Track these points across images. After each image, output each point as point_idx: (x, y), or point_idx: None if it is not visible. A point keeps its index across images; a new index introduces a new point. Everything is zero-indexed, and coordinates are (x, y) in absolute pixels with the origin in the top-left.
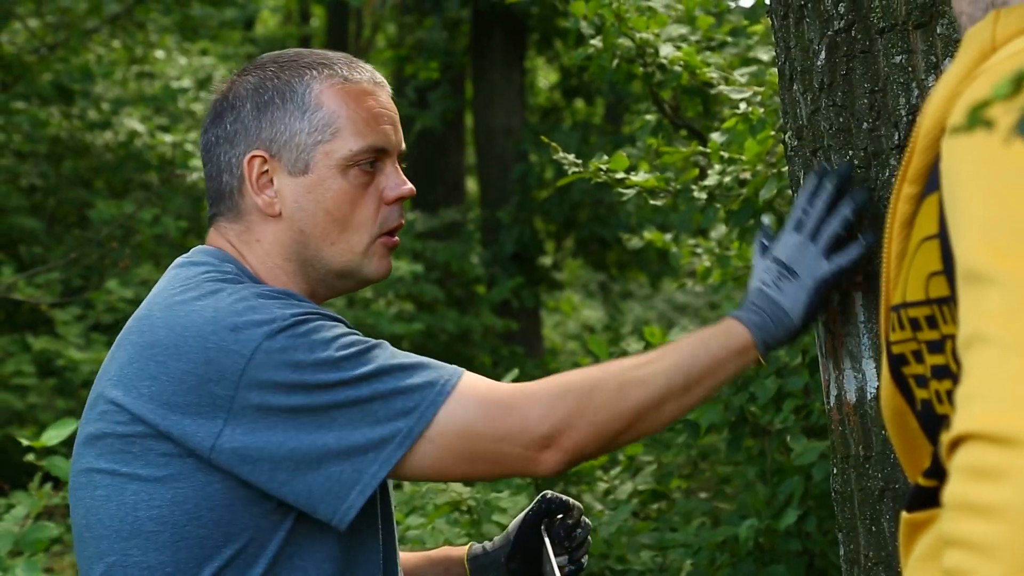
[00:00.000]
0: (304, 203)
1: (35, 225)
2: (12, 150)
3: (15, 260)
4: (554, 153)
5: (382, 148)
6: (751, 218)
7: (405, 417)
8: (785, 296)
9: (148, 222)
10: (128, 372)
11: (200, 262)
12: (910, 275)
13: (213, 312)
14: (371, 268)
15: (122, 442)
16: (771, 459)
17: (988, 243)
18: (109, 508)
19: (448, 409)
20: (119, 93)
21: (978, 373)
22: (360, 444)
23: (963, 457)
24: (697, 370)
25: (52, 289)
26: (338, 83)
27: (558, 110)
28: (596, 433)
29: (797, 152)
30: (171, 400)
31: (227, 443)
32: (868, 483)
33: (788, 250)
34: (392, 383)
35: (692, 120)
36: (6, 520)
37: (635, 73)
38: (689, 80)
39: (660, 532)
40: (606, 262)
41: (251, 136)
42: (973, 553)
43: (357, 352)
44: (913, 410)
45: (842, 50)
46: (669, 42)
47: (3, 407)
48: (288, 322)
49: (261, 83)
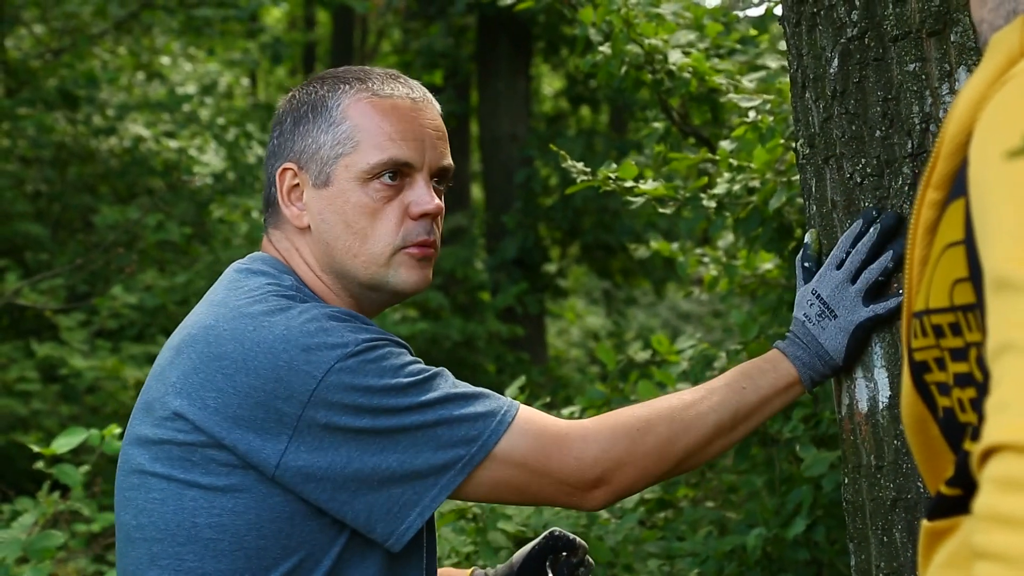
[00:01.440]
0: (327, 215)
1: (40, 231)
2: (17, 156)
3: (20, 266)
4: (562, 161)
5: (405, 162)
6: (759, 226)
7: (467, 445)
8: (826, 336)
9: (153, 228)
10: (193, 382)
11: (261, 271)
12: (934, 281)
13: (284, 330)
14: (398, 279)
15: (182, 449)
16: (779, 468)
17: (1020, 251)
18: (165, 512)
19: (507, 440)
20: (124, 98)
21: (1008, 383)
22: (422, 469)
23: (994, 468)
24: (745, 408)
25: (57, 295)
26: (367, 97)
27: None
28: (645, 474)
29: (809, 160)
30: (237, 414)
31: (292, 461)
32: (880, 493)
33: (829, 288)
34: (456, 410)
35: (700, 128)
36: (13, 528)
37: (643, 80)
38: (697, 87)
39: (667, 541)
40: (610, 269)
41: (286, 149)
42: (1005, 565)
43: (423, 380)
44: (935, 418)
45: (855, 58)
46: (677, 48)
47: (7, 413)
48: (360, 347)
49: (304, 98)
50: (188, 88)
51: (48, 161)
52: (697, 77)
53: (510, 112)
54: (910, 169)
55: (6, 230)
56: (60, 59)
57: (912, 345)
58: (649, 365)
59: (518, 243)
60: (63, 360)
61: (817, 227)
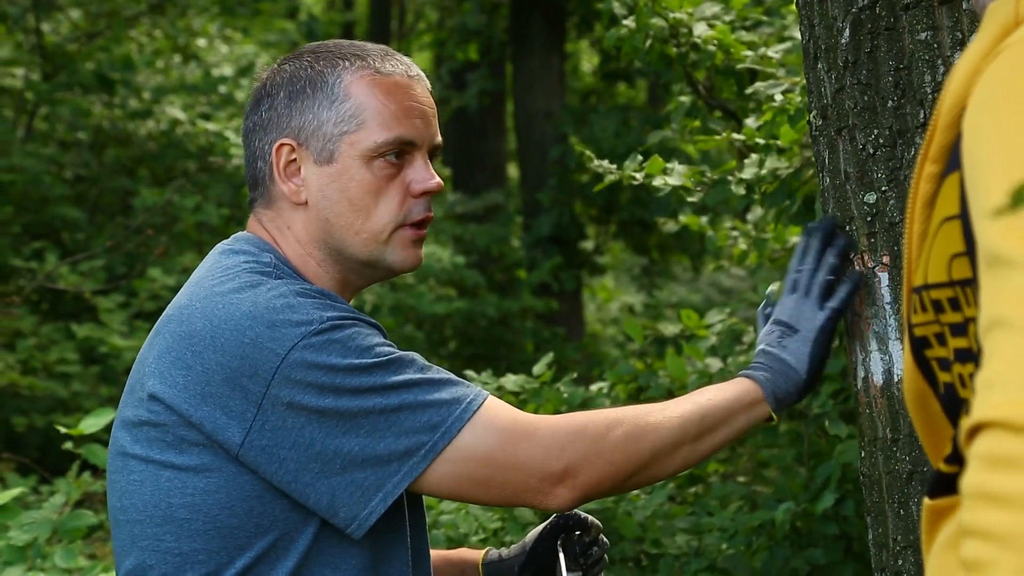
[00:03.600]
0: (328, 192)
1: (78, 215)
2: (56, 140)
3: (59, 247)
4: (588, 161)
5: (409, 141)
6: (787, 199)
7: (430, 431)
8: (789, 352)
9: (190, 209)
10: (165, 361)
11: (240, 250)
12: (932, 256)
13: (251, 306)
14: (395, 257)
15: (157, 430)
16: (808, 442)
17: (1011, 225)
18: (143, 493)
19: (472, 428)
20: (161, 81)
21: (998, 359)
22: (384, 454)
23: (981, 445)
24: (711, 419)
25: (96, 277)
26: (369, 75)
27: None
28: (610, 473)
29: (822, 132)
30: (205, 391)
31: (256, 440)
32: (896, 466)
33: (787, 310)
34: (421, 395)
35: (727, 101)
36: (45, 508)
37: (668, 53)
38: (724, 60)
39: (697, 516)
40: (647, 245)
41: (282, 124)
42: (991, 543)
43: (389, 361)
44: (936, 393)
45: (866, 27)
46: (703, 21)
47: (47, 395)
48: (325, 325)
49: (296, 72)
50: (224, 70)
51: (86, 145)
52: (722, 50)
53: (544, 89)
54: (923, 139)
55: (45, 214)
56: (95, 43)
57: (912, 321)
58: (678, 340)
59: (553, 220)
60: (102, 341)
61: (831, 200)
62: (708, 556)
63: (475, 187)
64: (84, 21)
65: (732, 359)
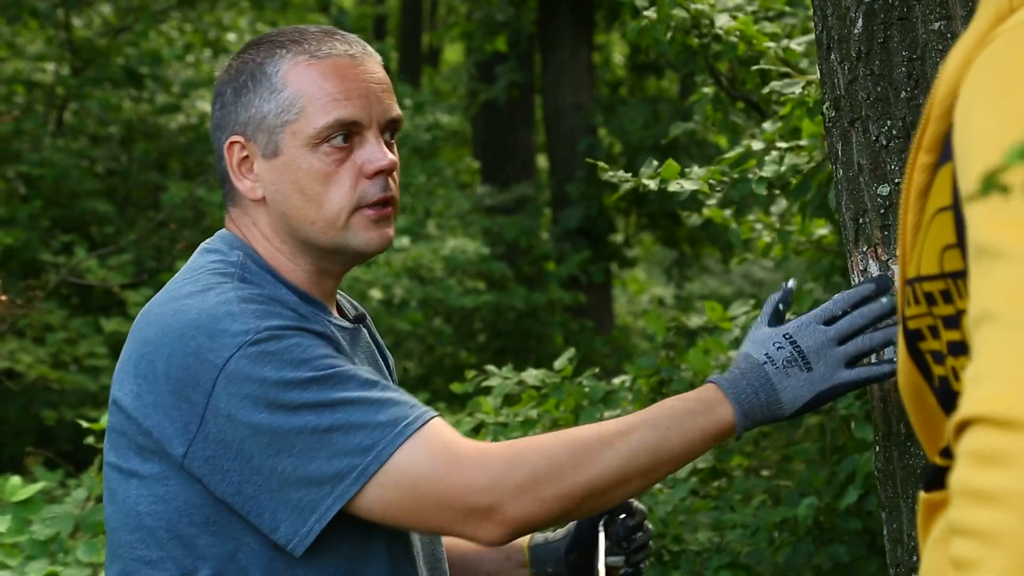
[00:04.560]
0: (280, 185)
1: (108, 209)
2: (88, 134)
3: (88, 241)
4: (602, 173)
5: (353, 121)
6: (810, 191)
7: (362, 454)
8: (789, 384)
9: (217, 204)
10: (126, 368)
11: (214, 249)
12: (925, 248)
13: (196, 314)
14: (358, 241)
15: (124, 438)
16: (830, 437)
17: (999, 216)
18: (118, 501)
19: (404, 453)
20: (191, 75)
21: (985, 354)
22: (315, 476)
23: (969, 442)
24: (667, 452)
25: (124, 271)
26: (304, 60)
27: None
28: (543, 509)
29: (835, 123)
30: (156, 400)
31: (200, 451)
32: (910, 461)
33: (812, 340)
34: (355, 416)
35: (750, 92)
36: (67, 502)
37: (690, 44)
38: (746, 51)
39: (719, 512)
40: (676, 237)
41: (231, 121)
42: (978, 541)
43: (326, 377)
44: (931, 387)
45: (879, 17)
46: (725, 12)
47: (77, 389)
48: (262, 335)
49: (241, 67)
50: None
51: (116, 139)
52: (745, 41)
53: (573, 81)
54: None
55: (75, 209)
56: (124, 37)
57: (906, 313)
58: (702, 332)
59: (582, 212)
60: None
61: (844, 192)
62: (730, 552)
63: (504, 180)
64: (114, 16)
65: None
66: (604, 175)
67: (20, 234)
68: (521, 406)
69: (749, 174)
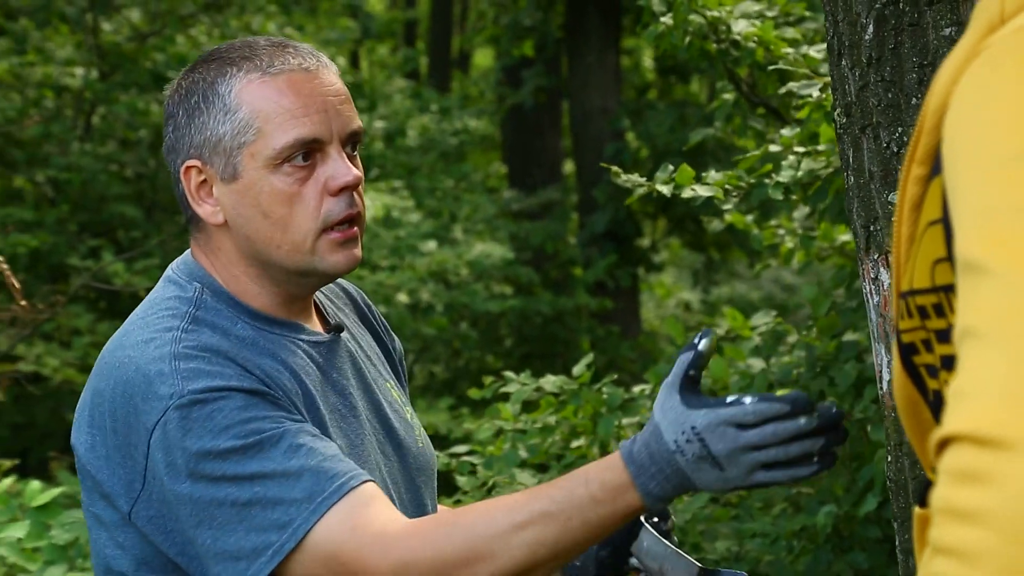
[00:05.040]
0: (241, 209)
1: (135, 213)
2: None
3: (115, 245)
4: (615, 177)
5: (312, 139)
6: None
7: (279, 531)
8: (701, 477)
9: None
10: (82, 416)
11: (174, 280)
12: (917, 260)
13: (134, 371)
14: (326, 264)
15: (87, 480)
16: (850, 444)
17: (985, 232)
18: (92, 544)
19: (322, 528)
20: None
21: (967, 371)
22: (233, 551)
23: (950, 459)
24: (568, 542)
25: (151, 275)
26: (256, 77)
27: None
28: None
29: (846, 130)
30: (107, 454)
31: (143, 510)
32: (922, 472)
33: (719, 443)
34: (273, 490)
35: (769, 97)
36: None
37: (708, 50)
38: (764, 56)
39: (739, 521)
40: (703, 242)
41: (185, 145)
42: (957, 560)
43: (247, 446)
44: (926, 400)
45: (890, 23)
46: (744, 18)
47: None
48: (185, 400)
49: (191, 86)
50: None
51: (146, 143)
52: (763, 46)
53: (600, 86)
54: None
55: (103, 213)
56: (151, 42)
57: (900, 327)
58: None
59: (608, 217)
60: None
61: (855, 199)
62: (750, 561)
63: (531, 184)
64: (143, 21)
65: (775, 359)
66: (617, 179)
67: (47, 238)
68: (540, 412)
69: (766, 179)
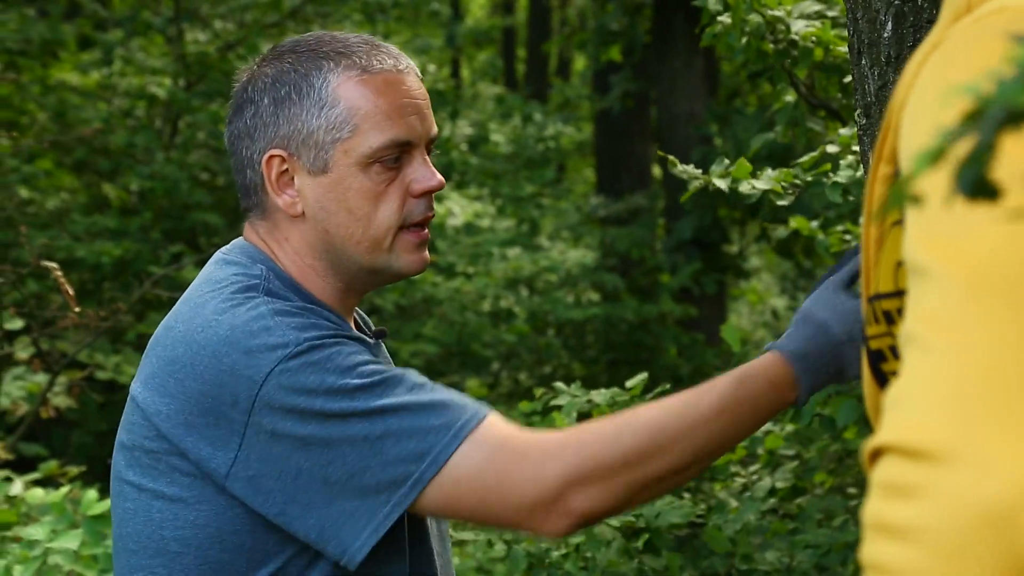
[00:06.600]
0: (326, 203)
1: (217, 221)
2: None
3: (196, 252)
4: (672, 167)
5: (406, 141)
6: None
7: (417, 461)
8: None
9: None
10: (152, 386)
11: (234, 261)
12: (881, 264)
13: (228, 331)
14: (400, 263)
15: (149, 457)
16: None
17: (926, 233)
18: (137, 523)
19: (461, 455)
20: None
21: (903, 378)
22: (371, 485)
23: (880, 472)
24: (733, 438)
25: None
26: (356, 75)
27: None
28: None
29: (866, 131)
30: (188, 420)
31: (242, 471)
32: None
33: None
34: (408, 421)
35: (830, 99)
36: None
37: (765, 50)
38: (824, 57)
39: (798, 532)
40: (792, 248)
41: (269, 133)
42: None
43: (374, 383)
44: None
45: (909, 20)
46: (803, 18)
47: None
48: (302, 347)
49: (279, 76)
50: None
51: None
52: (822, 46)
53: (687, 91)
54: None
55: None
56: (234, 52)
57: (868, 333)
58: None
59: (695, 223)
60: None
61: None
62: (800, 572)
63: (620, 190)
64: (226, 31)
65: None
66: (674, 170)
67: (130, 246)
68: None
69: (824, 178)
